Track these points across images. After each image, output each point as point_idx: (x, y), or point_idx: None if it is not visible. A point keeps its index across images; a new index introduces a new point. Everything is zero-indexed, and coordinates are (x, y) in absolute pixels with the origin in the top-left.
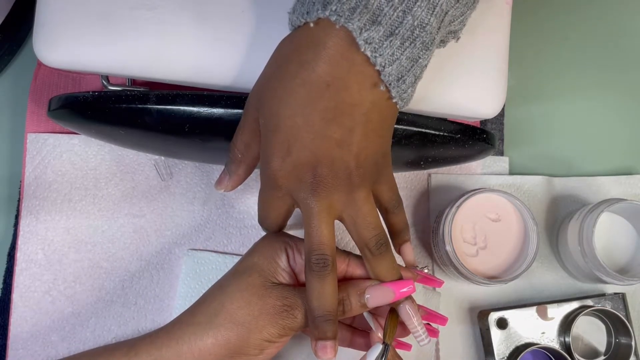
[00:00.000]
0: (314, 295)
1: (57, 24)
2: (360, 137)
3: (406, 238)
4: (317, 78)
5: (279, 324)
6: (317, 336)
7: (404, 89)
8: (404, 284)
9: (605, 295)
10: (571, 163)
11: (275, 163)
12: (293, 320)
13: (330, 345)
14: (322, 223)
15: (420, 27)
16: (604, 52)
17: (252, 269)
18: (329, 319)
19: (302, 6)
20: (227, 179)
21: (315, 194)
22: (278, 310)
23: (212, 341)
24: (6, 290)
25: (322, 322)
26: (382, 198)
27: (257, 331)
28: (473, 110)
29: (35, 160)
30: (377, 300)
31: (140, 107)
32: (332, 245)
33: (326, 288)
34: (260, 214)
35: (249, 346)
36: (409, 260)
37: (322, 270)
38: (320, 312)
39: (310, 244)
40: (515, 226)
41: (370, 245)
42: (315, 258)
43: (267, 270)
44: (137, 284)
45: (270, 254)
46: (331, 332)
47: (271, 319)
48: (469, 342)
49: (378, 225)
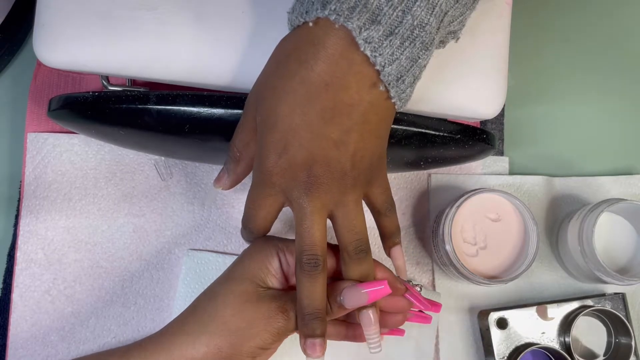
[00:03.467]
0: (304, 294)
1: (57, 24)
2: (358, 138)
3: (397, 241)
4: (316, 77)
5: (273, 327)
6: (306, 334)
7: (402, 89)
8: (375, 284)
9: (605, 295)
10: (571, 163)
11: (271, 160)
12: (287, 322)
13: (319, 343)
14: (314, 223)
15: (420, 26)
16: (604, 52)
17: (243, 275)
18: (318, 317)
19: (302, 6)
20: (226, 177)
21: (308, 193)
22: (272, 313)
23: (204, 350)
24: (6, 290)
25: (311, 320)
26: (375, 201)
27: (251, 338)
28: (473, 110)
29: (35, 160)
30: (352, 302)
31: (140, 107)
32: (324, 245)
33: (316, 287)
34: (247, 213)
35: (241, 354)
36: (399, 263)
37: (313, 270)
38: (309, 310)
39: (301, 244)
40: (515, 226)
41: (349, 249)
42: (307, 258)
43: (259, 276)
44: (137, 284)
45: (261, 258)
46: (320, 330)
47: (265, 325)
48: (469, 342)
49: (361, 231)
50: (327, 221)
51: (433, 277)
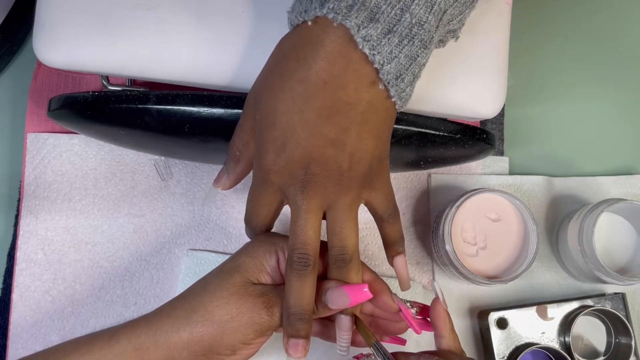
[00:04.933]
0: (291, 293)
1: (57, 24)
2: (355, 137)
3: (400, 250)
4: (314, 75)
5: (255, 323)
6: (289, 333)
7: (402, 87)
8: (357, 287)
9: (605, 295)
10: (571, 163)
11: (269, 158)
12: (270, 318)
13: (302, 344)
14: (308, 222)
15: (419, 24)
16: (604, 52)
17: (236, 269)
18: (304, 318)
19: (301, 5)
20: (226, 177)
21: (304, 191)
22: (257, 307)
23: (187, 336)
24: (6, 290)
25: (296, 320)
26: (376, 206)
27: (232, 332)
28: (473, 110)
29: (35, 160)
30: (336, 302)
31: (140, 107)
32: (316, 245)
33: (305, 287)
34: (248, 211)
35: (222, 346)
36: (402, 274)
37: (303, 270)
38: (295, 310)
39: (293, 242)
40: (515, 226)
41: (331, 253)
42: (297, 256)
43: (251, 271)
44: (137, 284)
45: (257, 254)
46: (304, 331)
47: (248, 319)
48: (469, 342)
49: (346, 237)
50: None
51: (433, 277)
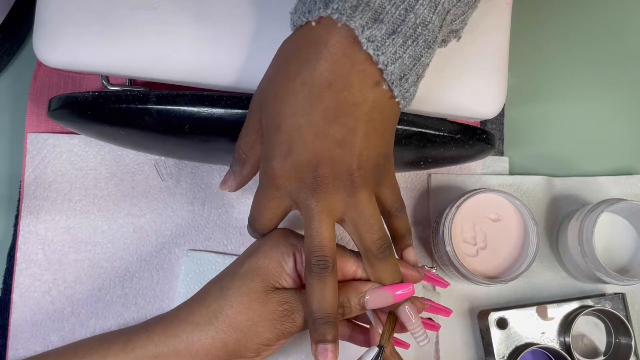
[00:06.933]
0: (314, 298)
1: (57, 24)
2: (362, 137)
3: (408, 243)
4: (319, 77)
5: (277, 329)
6: (316, 339)
7: (406, 87)
8: (403, 287)
9: (605, 295)
10: (571, 163)
11: (276, 163)
12: (292, 324)
13: (330, 349)
14: (322, 224)
15: (423, 25)
16: (604, 52)
17: (255, 272)
18: (329, 321)
19: (304, 5)
20: (232, 179)
21: (315, 194)
22: (278, 315)
23: (210, 342)
24: (6, 290)
25: (321, 325)
26: (384, 201)
27: (255, 336)
28: (473, 110)
29: (35, 160)
30: (376, 303)
31: (140, 107)
32: (333, 246)
33: (326, 290)
34: (253, 213)
35: (246, 349)
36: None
37: (323, 272)
38: (320, 314)
39: (310, 246)
40: (515, 226)
41: (373, 249)
42: (316, 259)
43: (271, 275)
44: (137, 284)
45: (276, 257)
46: (331, 335)
47: (270, 325)
48: (469, 342)
49: (381, 228)
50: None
51: None
